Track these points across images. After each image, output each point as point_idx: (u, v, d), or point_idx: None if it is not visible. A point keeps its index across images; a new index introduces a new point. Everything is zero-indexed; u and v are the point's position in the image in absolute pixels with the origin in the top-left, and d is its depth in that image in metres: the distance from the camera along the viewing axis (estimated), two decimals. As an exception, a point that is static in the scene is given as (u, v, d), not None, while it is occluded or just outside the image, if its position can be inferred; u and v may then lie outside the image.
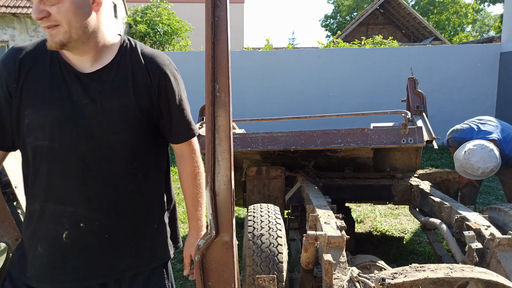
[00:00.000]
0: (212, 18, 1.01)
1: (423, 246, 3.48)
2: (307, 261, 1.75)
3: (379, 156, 3.20)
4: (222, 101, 1.03)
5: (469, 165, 2.65)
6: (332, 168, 3.26)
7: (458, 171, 2.81)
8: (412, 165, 3.17)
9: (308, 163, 3.17)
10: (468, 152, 2.66)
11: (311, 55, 8.49)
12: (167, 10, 14.04)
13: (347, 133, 2.63)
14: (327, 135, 2.63)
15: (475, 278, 1.41)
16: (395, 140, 2.57)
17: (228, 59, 1.05)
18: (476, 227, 1.94)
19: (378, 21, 21.25)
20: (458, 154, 2.77)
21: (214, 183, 1.05)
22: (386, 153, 3.17)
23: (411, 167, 3.19)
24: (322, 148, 2.64)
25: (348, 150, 2.97)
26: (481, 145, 2.64)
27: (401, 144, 2.56)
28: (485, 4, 26.66)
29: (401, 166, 3.17)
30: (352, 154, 3.07)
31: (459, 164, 2.75)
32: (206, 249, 1.09)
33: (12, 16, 9.43)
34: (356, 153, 3.07)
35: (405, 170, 3.20)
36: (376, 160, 3.20)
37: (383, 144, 2.58)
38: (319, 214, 2.05)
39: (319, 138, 2.65)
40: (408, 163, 3.15)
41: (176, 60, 10.00)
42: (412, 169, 3.20)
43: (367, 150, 2.96)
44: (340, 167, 3.26)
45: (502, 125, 2.94)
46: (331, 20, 34.11)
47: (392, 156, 3.18)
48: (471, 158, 2.63)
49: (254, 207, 2.27)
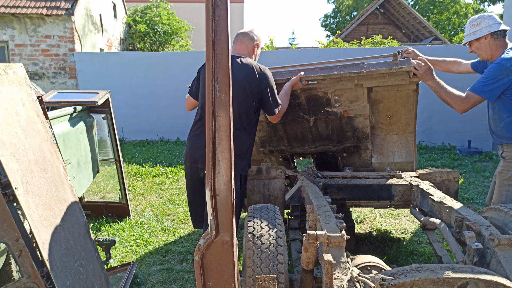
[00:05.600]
0: (212, 17, 1.01)
1: (423, 246, 3.48)
2: (307, 261, 1.75)
3: (376, 111, 3.29)
4: (222, 101, 1.03)
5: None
6: (334, 127, 3.38)
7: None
8: (409, 116, 3.28)
9: (308, 117, 3.29)
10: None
11: (311, 55, 8.49)
12: (167, 10, 14.03)
13: (344, 66, 3.00)
14: (325, 70, 3.02)
15: (475, 278, 1.41)
16: (387, 67, 2.88)
17: (228, 59, 1.05)
18: (476, 227, 1.94)
19: (378, 21, 21.25)
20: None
21: (214, 183, 1.05)
22: (383, 101, 3.25)
23: (408, 120, 3.29)
24: (322, 77, 2.98)
25: (345, 105, 3.17)
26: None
27: (392, 68, 2.85)
28: (485, 4, 26.68)
29: (397, 116, 3.32)
30: (349, 109, 3.18)
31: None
32: (206, 249, 1.09)
33: (11, 16, 9.43)
34: (354, 108, 3.18)
35: (403, 122, 3.31)
36: (375, 113, 3.30)
37: (376, 69, 2.88)
38: (319, 214, 2.05)
39: (320, 72, 3.01)
40: (405, 109, 3.26)
41: (176, 60, 10.01)
42: (410, 122, 3.29)
43: (364, 104, 3.14)
44: (339, 127, 3.36)
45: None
46: (331, 20, 34.11)
47: (389, 106, 3.27)
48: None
49: (254, 207, 2.27)
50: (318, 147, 3.54)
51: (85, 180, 3.52)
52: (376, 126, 3.39)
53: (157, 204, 4.69)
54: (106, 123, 4.04)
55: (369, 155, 3.48)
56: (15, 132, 1.74)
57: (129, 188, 5.30)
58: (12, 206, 1.61)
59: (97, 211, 4.17)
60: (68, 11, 9.55)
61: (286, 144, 3.58)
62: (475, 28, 2.68)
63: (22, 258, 1.59)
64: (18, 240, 1.59)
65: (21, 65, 2.04)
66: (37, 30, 9.67)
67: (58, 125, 3.07)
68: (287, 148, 3.61)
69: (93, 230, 3.82)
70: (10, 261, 2.20)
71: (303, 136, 3.49)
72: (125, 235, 3.71)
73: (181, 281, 2.90)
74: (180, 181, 5.78)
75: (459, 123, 7.87)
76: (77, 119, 3.53)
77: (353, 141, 3.42)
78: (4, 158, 1.59)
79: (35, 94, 2.07)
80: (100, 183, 5.34)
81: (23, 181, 1.67)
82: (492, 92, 2.54)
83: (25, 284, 1.62)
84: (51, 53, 9.74)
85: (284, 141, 3.56)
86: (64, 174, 2.11)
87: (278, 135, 3.52)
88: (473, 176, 5.91)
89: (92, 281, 2.01)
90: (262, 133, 3.53)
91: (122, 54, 10.10)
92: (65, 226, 1.91)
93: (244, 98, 2.55)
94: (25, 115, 1.89)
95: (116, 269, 3.01)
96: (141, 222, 4.06)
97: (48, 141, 2.05)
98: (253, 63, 2.63)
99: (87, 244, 2.10)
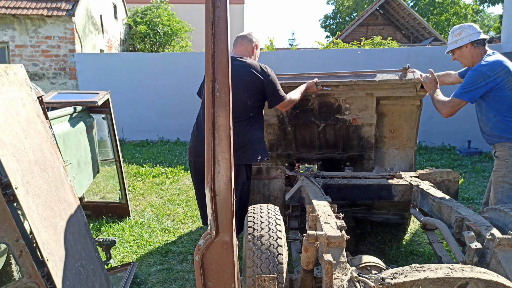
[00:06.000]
0: (212, 18, 1.02)
1: (423, 246, 3.48)
2: (307, 261, 1.75)
3: (380, 125, 3.46)
4: (222, 101, 1.03)
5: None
6: (341, 135, 3.51)
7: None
8: (411, 132, 3.46)
9: (319, 122, 3.45)
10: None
11: (311, 56, 8.49)
12: (167, 11, 14.04)
13: (357, 75, 3.23)
14: (340, 77, 3.25)
15: (475, 278, 1.41)
16: (396, 80, 3.14)
17: (228, 59, 1.06)
18: (476, 227, 1.94)
19: (378, 21, 21.25)
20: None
21: (214, 183, 1.05)
22: (388, 115, 3.44)
23: (410, 136, 3.47)
24: (337, 83, 3.19)
25: (355, 113, 3.34)
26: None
27: (402, 79, 3.11)
28: (484, 5, 26.67)
29: (400, 131, 3.50)
30: (358, 117, 3.35)
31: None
32: (206, 249, 1.09)
33: (12, 17, 9.43)
34: (362, 117, 3.34)
35: (404, 138, 3.47)
36: (379, 127, 3.47)
37: (388, 78, 3.15)
38: (319, 214, 2.05)
39: (335, 78, 3.24)
40: (408, 125, 3.45)
41: (176, 61, 10.02)
42: (411, 138, 3.45)
43: (372, 113, 3.32)
44: (346, 135, 3.50)
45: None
46: (331, 20, 34.12)
47: (393, 119, 3.45)
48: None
49: (254, 208, 2.27)
50: (324, 154, 3.65)
51: (85, 180, 3.53)
52: (379, 139, 3.55)
53: (157, 204, 4.69)
54: (106, 123, 4.05)
55: (371, 165, 3.58)
56: (15, 132, 1.74)
57: (129, 188, 5.30)
58: (12, 206, 1.61)
59: (97, 211, 4.17)
60: (69, 12, 9.56)
61: (294, 149, 3.69)
62: (457, 38, 2.84)
63: (22, 258, 1.60)
64: (19, 240, 1.59)
65: (21, 66, 2.05)
66: (37, 31, 9.68)
67: (58, 125, 3.08)
68: (294, 153, 3.70)
69: (93, 230, 3.82)
70: (11, 261, 2.20)
71: (311, 142, 3.61)
72: (125, 235, 3.71)
73: (181, 281, 2.91)
74: (180, 181, 5.78)
75: (459, 123, 7.87)
76: (77, 119, 3.53)
77: (358, 150, 3.53)
78: (4, 158, 1.59)
79: (35, 94, 2.08)
80: (100, 183, 5.34)
81: (23, 181, 1.67)
82: (470, 95, 2.73)
83: (26, 284, 1.62)
84: (52, 54, 9.75)
85: (292, 146, 3.68)
86: (64, 174, 2.12)
87: (287, 139, 3.64)
88: (473, 176, 5.92)
89: (93, 281, 2.01)
90: (272, 136, 3.66)
91: (123, 55, 10.11)
92: (65, 226, 1.92)
93: (245, 92, 2.70)
94: (25, 116, 1.89)
95: (116, 269, 3.01)
96: (141, 222, 4.06)
97: (48, 141, 2.05)
98: (254, 62, 2.83)
99: (87, 244, 2.11)
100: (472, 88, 2.71)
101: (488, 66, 2.67)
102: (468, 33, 2.80)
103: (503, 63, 2.69)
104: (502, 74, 2.65)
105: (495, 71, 2.65)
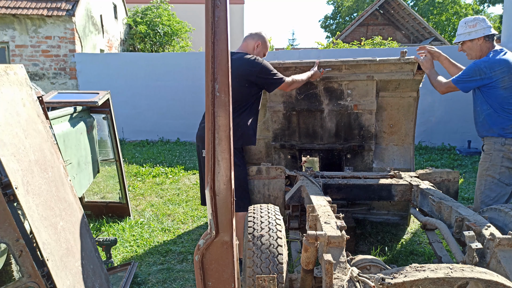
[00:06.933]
0: (212, 18, 1.02)
1: (423, 246, 3.48)
2: (307, 261, 1.75)
3: (380, 119, 3.58)
4: (222, 101, 1.03)
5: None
6: (342, 123, 3.64)
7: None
8: (409, 127, 3.55)
9: (323, 107, 3.60)
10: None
11: (311, 56, 8.48)
12: (167, 11, 14.04)
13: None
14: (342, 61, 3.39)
15: (475, 278, 1.41)
16: (395, 58, 3.27)
17: (228, 59, 1.06)
18: (476, 227, 1.94)
19: (378, 22, 21.25)
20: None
21: (214, 183, 1.05)
22: (387, 108, 3.56)
23: (408, 131, 3.56)
24: (340, 63, 3.37)
25: (356, 99, 3.49)
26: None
27: (400, 60, 3.24)
28: (484, 5, 26.69)
29: (398, 126, 3.60)
30: (359, 104, 3.50)
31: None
32: (206, 249, 1.09)
33: (12, 17, 9.43)
34: (363, 103, 3.49)
35: (403, 133, 3.57)
36: (378, 122, 3.60)
37: (387, 58, 3.30)
38: (319, 214, 2.05)
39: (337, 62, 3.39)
40: (406, 119, 3.56)
41: (176, 61, 10.03)
42: (409, 133, 3.55)
43: (372, 99, 3.45)
44: (348, 123, 3.61)
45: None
46: (331, 21, 34.11)
47: (392, 113, 3.57)
48: None
49: (254, 208, 2.27)
50: (326, 144, 3.74)
51: (85, 180, 3.53)
52: (378, 135, 3.64)
53: (157, 204, 4.69)
54: (106, 123, 4.05)
55: (371, 158, 3.63)
56: (15, 132, 1.74)
57: (129, 188, 5.30)
58: (12, 206, 1.61)
59: (97, 211, 4.17)
60: (69, 12, 9.56)
61: (297, 139, 3.80)
62: (470, 29, 2.84)
63: (22, 258, 1.60)
64: (19, 240, 1.59)
65: (21, 66, 2.05)
66: (37, 31, 9.68)
67: (58, 125, 3.08)
68: (297, 143, 3.80)
69: (93, 230, 3.82)
70: (11, 261, 2.20)
71: (314, 131, 3.73)
72: (125, 235, 3.71)
73: (181, 281, 2.91)
74: (180, 181, 5.78)
75: (459, 123, 7.87)
76: (77, 119, 3.53)
77: (359, 141, 3.62)
78: (4, 158, 1.59)
79: (36, 94, 2.08)
80: (100, 183, 5.34)
81: (23, 181, 1.67)
82: (464, 85, 2.84)
83: (26, 283, 1.63)
84: (52, 54, 9.75)
85: (295, 136, 3.79)
86: (65, 174, 2.12)
87: (291, 128, 3.76)
88: (473, 176, 5.91)
89: (93, 280, 2.01)
90: (277, 125, 3.78)
91: (123, 55, 10.11)
92: (65, 226, 1.92)
93: (235, 82, 2.80)
94: (25, 115, 1.89)
95: (117, 268, 3.02)
96: (141, 222, 4.06)
97: (49, 141, 2.05)
98: (247, 55, 2.99)
99: (87, 244, 2.11)
100: (467, 79, 2.80)
101: (487, 63, 2.72)
102: (482, 27, 2.80)
103: (503, 63, 2.70)
104: (499, 73, 2.70)
105: (492, 69, 2.70)
